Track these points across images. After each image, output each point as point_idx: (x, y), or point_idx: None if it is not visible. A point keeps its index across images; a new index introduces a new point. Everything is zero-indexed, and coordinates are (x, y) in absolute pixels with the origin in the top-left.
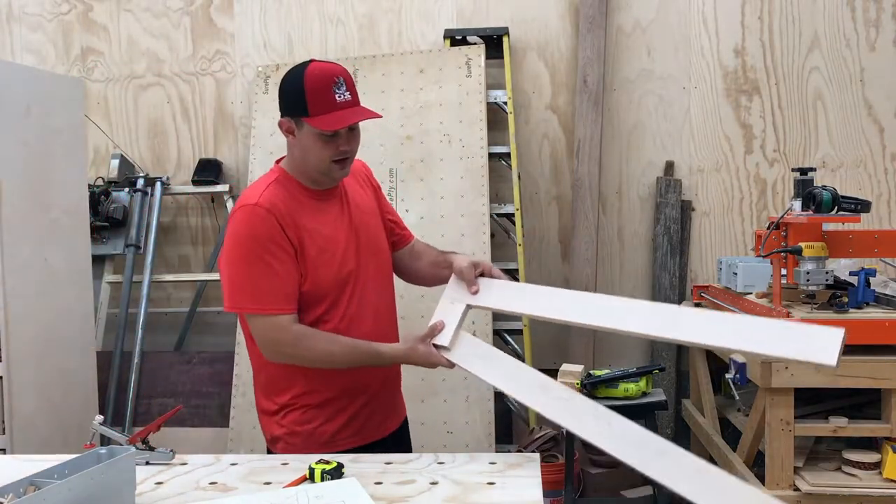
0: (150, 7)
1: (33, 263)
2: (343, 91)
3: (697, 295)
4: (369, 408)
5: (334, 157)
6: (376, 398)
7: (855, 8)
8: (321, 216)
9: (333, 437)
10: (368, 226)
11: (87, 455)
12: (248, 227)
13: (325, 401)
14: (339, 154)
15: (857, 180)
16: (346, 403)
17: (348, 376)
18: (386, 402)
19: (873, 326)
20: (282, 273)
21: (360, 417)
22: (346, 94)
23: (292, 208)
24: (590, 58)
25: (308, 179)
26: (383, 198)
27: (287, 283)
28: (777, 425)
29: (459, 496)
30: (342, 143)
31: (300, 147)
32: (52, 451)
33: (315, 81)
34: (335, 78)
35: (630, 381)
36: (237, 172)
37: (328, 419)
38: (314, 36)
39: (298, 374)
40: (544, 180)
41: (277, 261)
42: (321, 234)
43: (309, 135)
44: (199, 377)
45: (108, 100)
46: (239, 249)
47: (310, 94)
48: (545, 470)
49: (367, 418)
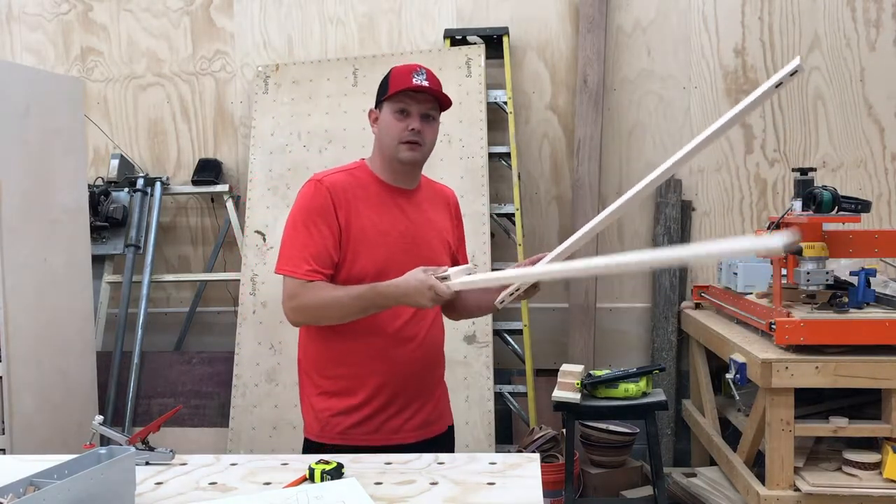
0: (150, 7)
1: (33, 263)
2: (422, 78)
3: (697, 295)
4: (392, 409)
5: (403, 136)
6: (398, 399)
7: (855, 8)
8: (383, 209)
9: (346, 430)
10: (429, 239)
11: (87, 455)
12: (304, 199)
13: (345, 389)
14: (408, 134)
15: (857, 180)
16: (365, 399)
17: (369, 370)
18: (416, 406)
19: (873, 326)
20: (318, 241)
21: (378, 417)
22: (424, 81)
23: (354, 193)
24: (590, 58)
25: (386, 171)
26: (461, 233)
27: (320, 251)
28: (777, 425)
29: (459, 496)
30: (412, 122)
31: (379, 130)
32: (52, 451)
33: (399, 69)
34: (417, 67)
35: (630, 381)
36: (237, 172)
37: (345, 410)
38: (314, 36)
39: (332, 358)
40: (544, 180)
41: (318, 231)
42: (373, 223)
43: (386, 114)
44: (199, 377)
45: (108, 100)
46: (291, 218)
47: (392, 78)
48: (545, 470)
49: (389, 419)
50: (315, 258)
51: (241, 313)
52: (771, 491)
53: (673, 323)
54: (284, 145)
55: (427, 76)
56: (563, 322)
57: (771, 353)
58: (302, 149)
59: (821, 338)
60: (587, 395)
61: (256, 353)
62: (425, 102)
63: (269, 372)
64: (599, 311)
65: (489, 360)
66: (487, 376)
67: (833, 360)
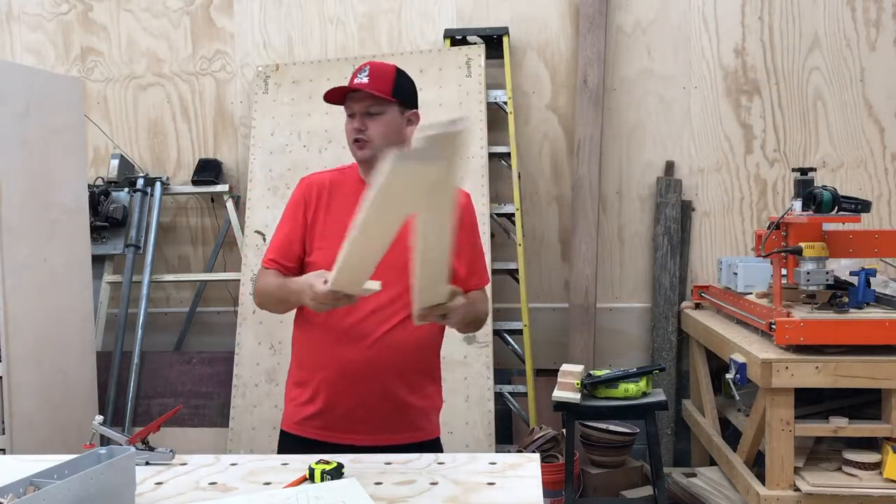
0: (150, 7)
1: (33, 263)
2: (364, 76)
3: (697, 295)
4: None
5: (351, 137)
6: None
7: (855, 8)
8: (355, 208)
9: (303, 421)
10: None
11: (87, 455)
12: (292, 195)
13: (303, 381)
14: (353, 133)
15: (857, 180)
16: (314, 393)
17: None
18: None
19: (873, 326)
20: (284, 235)
21: (328, 414)
22: (365, 78)
23: (336, 192)
24: (590, 58)
25: (363, 172)
26: (465, 237)
27: (283, 243)
28: (777, 425)
29: (459, 496)
30: (356, 122)
31: None
32: (52, 451)
33: (354, 72)
34: (364, 66)
35: (630, 381)
36: (237, 172)
37: (302, 402)
38: (314, 36)
39: (298, 349)
40: (544, 180)
41: (287, 225)
42: (340, 221)
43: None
44: (198, 377)
45: (108, 100)
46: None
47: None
48: (545, 470)
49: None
50: (277, 249)
51: (241, 313)
52: (771, 491)
53: (673, 323)
54: (284, 145)
55: (370, 73)
56: (563, 322)
57: (771, 353)
58: (302, 149)
59: (821, 338)
60: (587, 395)
61: (256, 353)
62: (364, 100)
63: (269, 372)
64: (599, 311)
65: (489, 360)
66: (487, 376)
67: (833, 360)
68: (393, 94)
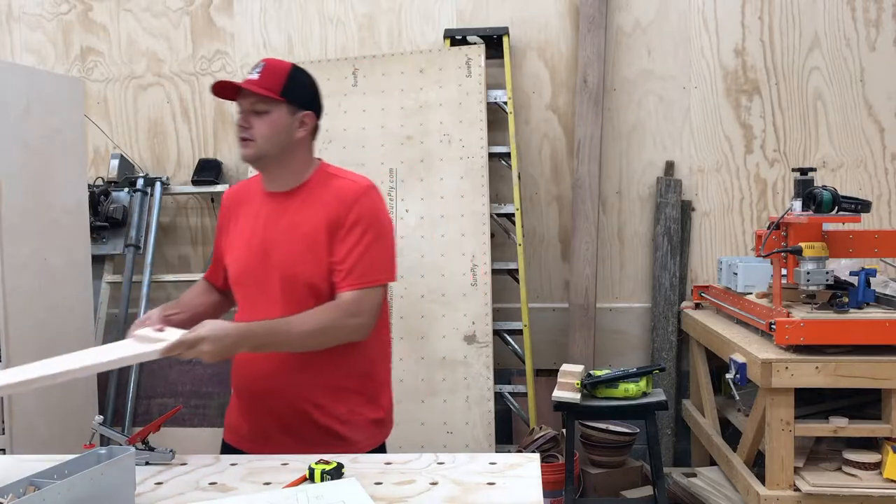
0: (150, 7)
1: (33, 263)
2: (256, 72)
3: (698, 295)
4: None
5: (238, 134)
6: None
7: (855, 8)
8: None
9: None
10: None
11: (87, 455)
12: None
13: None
14: (238, 131)
15: (857, 180)
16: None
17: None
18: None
19: (873, 326)
20: (214, 250)
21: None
22: (256, 75)
23: (243, 201)
24: (590, 58)
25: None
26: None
27: (214, 259)
28: (777, 425)
29: (459, 496)
30: (239, 120)
31: None
32: (52, 451)
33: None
34: (261, 62)
35: (630, 381)
36: (237, 172)
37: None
38: (314, 36)
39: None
40: (544, 180)
41: (216, 240)
42: (240, 232)
43: None
44: (199, 377)
45: (108, 100)
46: None
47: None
48: (545, 470)
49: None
50: (210, 266)
51: None
52: (771, 491)
53: (673, 323)
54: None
55: (263, 70)
56: (563, 322)
57: (771, 353)
58: None
59: (821, 338)
60: (587, 395)
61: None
62: (250, 97)
63: None
64: (599, 311)
65: (489, 360)
66: (487, 376)
67: (833, 360)
68: (282, 93)
